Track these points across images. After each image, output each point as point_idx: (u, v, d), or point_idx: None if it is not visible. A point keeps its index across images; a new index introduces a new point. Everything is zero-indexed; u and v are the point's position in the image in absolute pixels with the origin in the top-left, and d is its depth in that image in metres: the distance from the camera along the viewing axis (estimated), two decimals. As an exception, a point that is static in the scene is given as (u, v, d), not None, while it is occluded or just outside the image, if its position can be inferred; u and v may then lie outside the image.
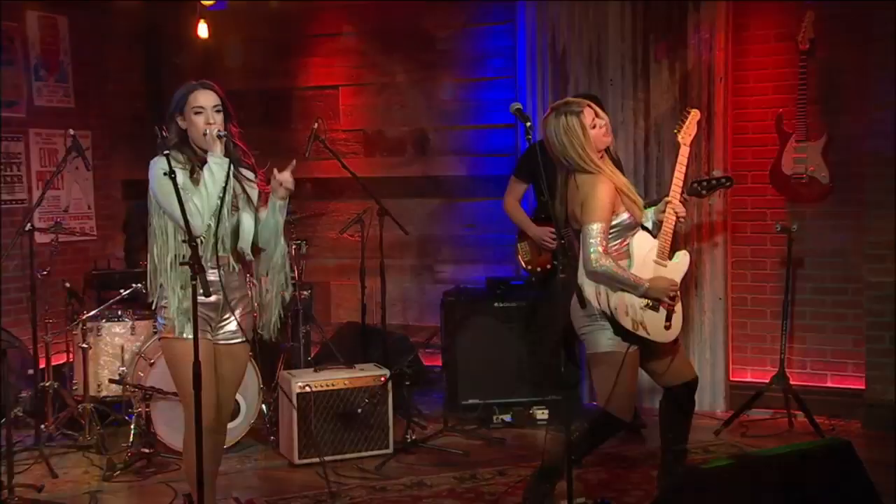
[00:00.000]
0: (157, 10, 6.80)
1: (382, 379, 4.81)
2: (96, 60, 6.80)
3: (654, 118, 5.53)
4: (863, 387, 5.23)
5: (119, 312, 5.22)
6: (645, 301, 3.69)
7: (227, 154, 3.36)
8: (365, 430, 4.77)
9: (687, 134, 3.93)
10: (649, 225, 3.91)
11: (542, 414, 5.32)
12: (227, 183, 3.33)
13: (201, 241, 3.34)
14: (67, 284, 5.21)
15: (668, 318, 3.75)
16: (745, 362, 5.59)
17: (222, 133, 3.36)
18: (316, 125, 5.17)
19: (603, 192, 3.64)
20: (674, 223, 3.79)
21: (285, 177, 3.42)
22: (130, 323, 5.17)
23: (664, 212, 3.80)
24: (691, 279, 5.50)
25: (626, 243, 3.74)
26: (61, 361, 5.54)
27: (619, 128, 5.58)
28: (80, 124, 6.45)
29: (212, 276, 3.38)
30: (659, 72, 5.49)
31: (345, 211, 6.40)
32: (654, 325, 3.73)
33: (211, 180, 3.32)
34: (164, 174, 3.17)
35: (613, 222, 3.67)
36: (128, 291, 5.08)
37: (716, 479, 2.55)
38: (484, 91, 6.22)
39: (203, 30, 6.19)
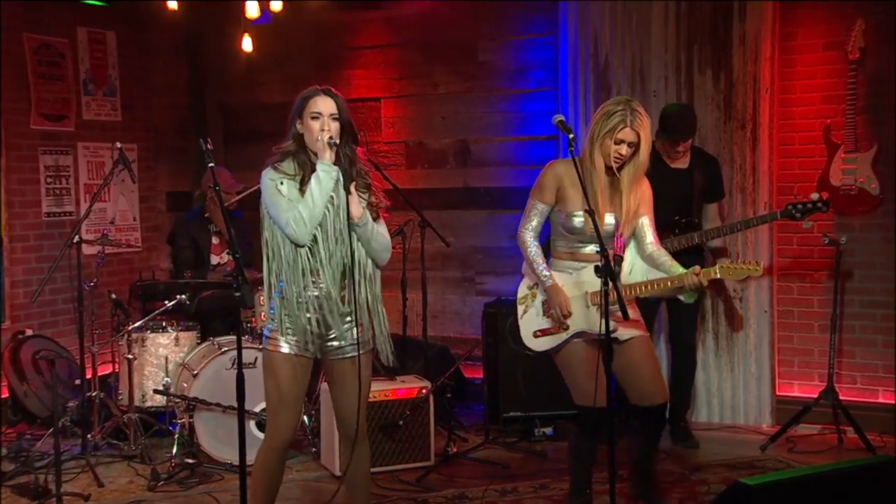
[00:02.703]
0: (202, 25, 6.91)
1: (424, 391, 4.82)
2: (143, 75, 6.93)
3: (698, 129, 5.47)
4: (916, 403, 5.13)
5: (163, 323, 5.28)
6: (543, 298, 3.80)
7: (337, 163, 3.33)
8: (406, 441, 4.78)
9: (729, 272, 3.64)
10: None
11: (584, 427, 5.28)
12: (336, 192, 3.31)
13: (309, 252, 3.33)
14: (113, 295, 5.29)
15: (543, 331, 3.78)
16: (791, 377, 5.50)
17: (334, 142, 3.32)
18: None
19: (548, 174, 3.80)
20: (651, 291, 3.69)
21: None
22: (174, 334, 5.23)
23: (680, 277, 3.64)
24: (735, 291, 5.44)
25: (580, 249, 3.77)
26: (107, 372, 5.63)
27: (662, 138, 5.56)
28: (126, 137, 6.59)
29: (315, 291, 3.36)
30: (703, 82, 5.45)
31: (386, 222, 6.41)
32: (529, 323, 3.85)
33: (318, 188, 3.29)
34: (273, 185, 3.26)
35: (571, 222, 3.72)
36: (172, 303, 5.14)
37: (761, 495, 2.52)
38: (526, 102, 6.22)
39: (247, 43, 6.27)
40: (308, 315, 3.37)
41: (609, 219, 3.73)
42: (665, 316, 5.29)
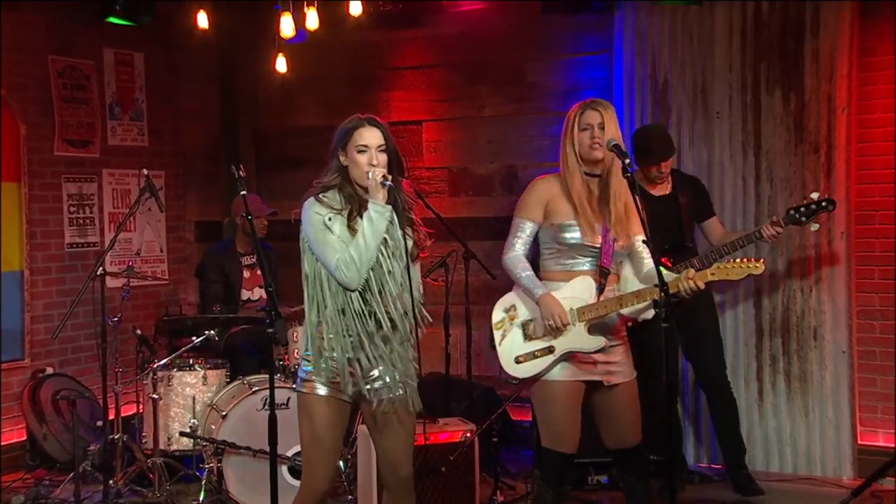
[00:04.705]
0: (234, 46, 7.03)
1: (468, 435, 4.78)
2: (171, 98, 7.05)
3: (766, 153, 5.44)
4: None
5: (191, 361, 5.30)
6: (528, 317, 3.79)
7: (389, 201, 3.32)
8: (449, 489, 4.72)
9: (727, 272, 3.70)
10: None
11: (642, 477, 5.20)
12: (389, 233, 3.31)
13: (360, 296, 3.31)
14: (138, 331, 5.34)
15: (526, 355, 3.77)
16: (874, 424, 5.36)
17: (387, 182, 3.31)
18: (398, 163, 5.24)
19: (532, 191, 3.86)
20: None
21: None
22: (202, 372, 5.25)
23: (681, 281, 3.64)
24: (809, 329, 5.35)
25: (573, 266, 3.78)
26: (131, 413, 5.66)
27: (726, 163, 5.52)
28: (153, 164, 6.70)
29: (361, 332, 3.36)
30: (771, 103, 5.40)
31: (428, 254, 6.43)
32: (510, 347, 3.84)
33: (371, 230, 3.28)
34: (321, 220, 3.28)
35: (564, 235, 3.75)
36: (200, 339, 5.18)
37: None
38: (577, 125, 6.21)
39: (281, 64, 6.35)
40: (347, 356, 3.36)
41: (598, 229, 3.77)
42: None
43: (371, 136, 3.39)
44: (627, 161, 3.59)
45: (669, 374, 3.85)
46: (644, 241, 3.75)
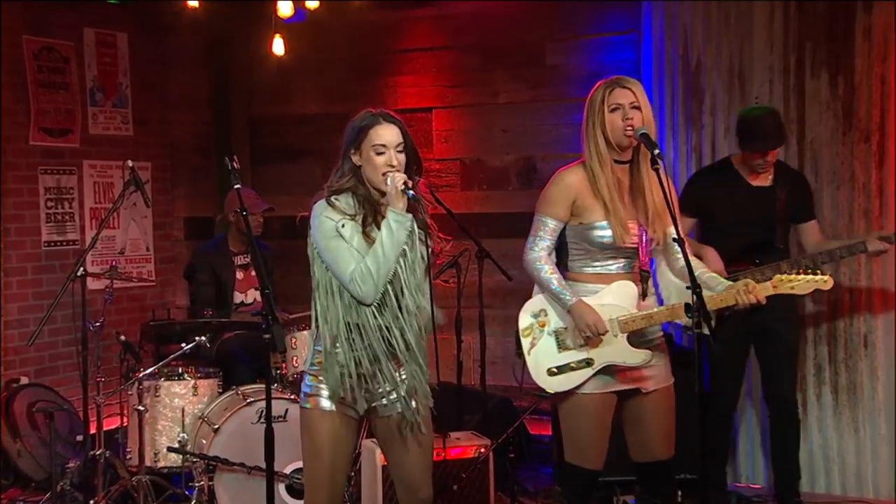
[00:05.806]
0: (227, 26, 7.00)
1: (482, 450, 4.77)
2: (158, 83, 7.06)
3: (811, 142, 5.40)
4: None
5: (180, 370, 5.29)
6: (562, 325, 3.73)
7: (409, 209, 3.29)
8: (461, 511, 4.71)
9: (790, 285, 3.67)
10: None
11: (673, 497, 5.17)
12: (408, 244, 3.29)
13: (377, 310, 3.30)
14: (122, 337, 5.31)
15: (560, 367, 3.71)
16: (933, 440, 5.32)
17: (410, 192, 3.27)
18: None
19: (558, 185, 3.75)
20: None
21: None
22: (192, 382, 5.24)
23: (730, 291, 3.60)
24: (858, 336, 5.30)
25: (605, 268, 3.71)
26: (114, 426, 5.64)
27: (766, 153, 5.47)
28: (139, 155, 6.71)
29: (374, 344, 3.35)
30: (817, 87, 5.36)
31: (439, 253, 6.39)
32: (540, 358, 3.77)
33: (390, 241, 3.25)
34: (333, 227, 3.25)
35: (594, 236, 3.68)
36: (190, 346, 5.16)
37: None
38: (602, 112, 6.19)
39: (278, 46, 6.34)
40: (360, 371, 3.35)
41: (633, 227, 3.69)
42: (754, 365, 5.15)
43: (389, 134, 3.35)
44: (657, 151, 3.53)
45: (703, 384, 3.77)
46: (675, 239, 3.65)
